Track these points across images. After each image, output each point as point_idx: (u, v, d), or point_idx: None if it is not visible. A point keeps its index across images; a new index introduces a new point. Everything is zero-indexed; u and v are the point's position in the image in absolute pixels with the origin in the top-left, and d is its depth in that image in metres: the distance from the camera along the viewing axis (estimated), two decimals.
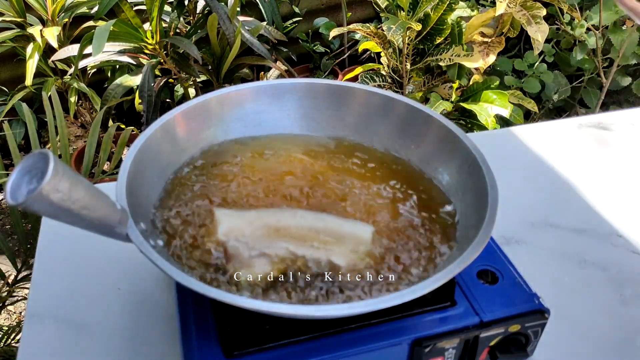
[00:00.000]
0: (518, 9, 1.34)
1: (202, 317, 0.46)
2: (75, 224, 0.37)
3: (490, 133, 1.00)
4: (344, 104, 0.60)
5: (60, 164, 0.33)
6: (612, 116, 0.91)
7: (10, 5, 1.52)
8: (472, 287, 0.49)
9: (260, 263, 0.45)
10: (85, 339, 0.54)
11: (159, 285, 0.58)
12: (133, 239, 0.41)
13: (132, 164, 0.47)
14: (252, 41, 1.45)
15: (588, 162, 0.80)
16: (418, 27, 1.26)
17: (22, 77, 1.61)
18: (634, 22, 1.53)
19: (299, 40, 2.14)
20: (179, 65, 1.43)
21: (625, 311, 0.58)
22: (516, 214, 0.69)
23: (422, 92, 1.46)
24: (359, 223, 0.48)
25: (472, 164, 0.50)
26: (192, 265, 0.45)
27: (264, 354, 0.43)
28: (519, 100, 1.43)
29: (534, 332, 0.48)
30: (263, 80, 1.72)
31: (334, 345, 0.44)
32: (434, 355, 0.46)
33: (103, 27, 1.16)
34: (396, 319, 0.46)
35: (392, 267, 0.46)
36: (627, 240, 0.66)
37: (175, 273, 0.39)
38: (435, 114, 0.56)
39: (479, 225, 0.44)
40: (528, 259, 0.62)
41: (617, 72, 1.72)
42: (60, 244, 0.64)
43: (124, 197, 0.44)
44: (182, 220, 0.49)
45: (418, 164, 0.57)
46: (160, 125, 0.52)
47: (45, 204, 0.33)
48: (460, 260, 0.41)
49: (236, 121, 0.59)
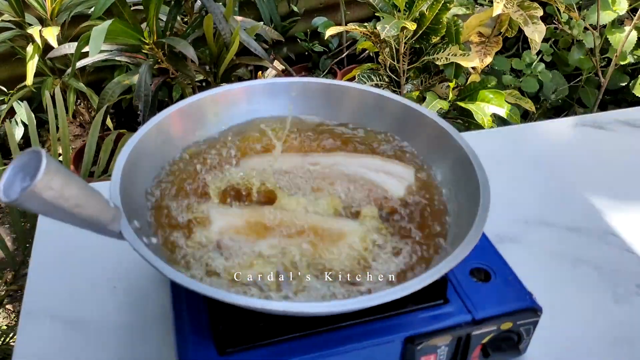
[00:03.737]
0: (515, 9, 1.34)
1: (196, 315, 0.46)
2: (69, 222, 0.38)
3: (486, 132, 1.00)
4: (338, 103, 0.61)
5: (52, 162, 0.33)
6: (608, 116, 0.91)
7: (8, 4, 1.52)
8: (465, 284, 0.49)
9: (253, 261, 0.45)
10: (81, 337, 0.54)
11: (153, 283, 0.59)
12: (126, 236, 0.41)
13: (126, 162, 0.48)
14: (249, 41, 1.45)
15: (584, 161, 0.80)
16: (413, 26, 1.26)
17: (21, 77, 1.61)
18: (632, 21, 1.53)
19: (297, 39, 2.15)
20: (176, 65, 1.43)
21: (618, 309, 0.58)
22: (510, 213, 0.69)
23: (419, 91, 1.46)
24: (350, 221, 0.48)
25: (465, 162, 0.51)
26: (186, 262, 0.45)
27: (257, 351, 0.44)
28: (516, 100, 1.43)
29: (526, 330, 0.49)
30: (260, 79, 1.72)
31: (327, 342, 0.44)
32: (426, 352, 0.46)
33: (100, 27, 1.16)
34: (389, 316, 0.46)
35: (383, 263, 0.46)
36: (620, 239, 0.66)
37: (168, 271, 0.39)
38: (429, 113, 0.56)
39: (471, 223, 0.44)
40: (522, 257, 0.62)
41: (615, 72, 1.72)
42: (56, 242, 0.65)
43: (118, 195, 0.44)
44: (174, 218, 0.49)
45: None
46: (154, 124, 0.53)
47: (38, 201, 0.34)
48: (452, 258, 0.41)
49: (230, 119, 0.59)
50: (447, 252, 0.46)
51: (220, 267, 0.45)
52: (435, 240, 0.49)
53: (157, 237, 0.47)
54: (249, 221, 0.48)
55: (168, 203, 0.50)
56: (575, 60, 1.72)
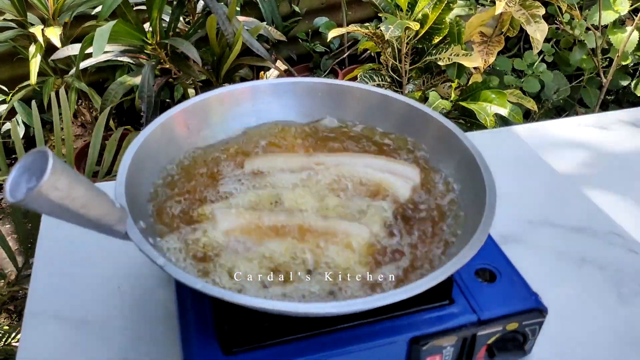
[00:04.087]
0: (517, 8, 1.34)
1: (201, 315, 0.46)
2: (74, 222, 0.38)
3: (489, 132, 1.00)
4: (342, 103, 0.60)
5: (59, 162, 0.33)
6: (611, 116, 0.91)
7: (11, 4, 1.52)
8: (471, 285, 0.49)
9: (259, 261, 0.45)
10: (85, 337, 0.54)
11: (158, 284, 0.59)
12: (132, 237, 0.41)
13: (132, 162, 0.48)
14: (251, 42, 1.45)
15: (586, 161, 0.80)
16: (416, 26, 1.26)
17: (22, 77, 1.61)
18: (634, 21, 1.53)
19: (299, 39, 2.14)
20: (179, 65, 1.43)
21: (622, 309, 0.58)
22: (515, 213, 0.69)
23: (421, 91, 1.46)
24: (355, 224, 0.48)
25: (470, 163, 0.50)
26: (191, 263, 0.45)
27: (262, 352, 0.44)
28: (518, 100, 1.43)
29: (532, 331, 0.49)
30: (263, 79, 1.72)
31: (332, 342, 0.44)
32: (431, 353, 0.46)
33: (104, 28, 1.16)
34: (395, 317, 0.46)
35: (389, 264, 0.46)
36: (625, 239, 0.66)
37: (174, 271, 0.39)
38: (434, 113, 0.56)
39: (477, 224, 0.44)
40: (526, 258, 0.62)
41: (616, 72, 1.72)
42: (60, 242, 0.65)
43: (123, 196, 0.44)
44: (179, 218, 0.49)
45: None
46: (159, 125, 0.53)
47: (44, 201, 0.33)
48: (458, 259, 0.41)
49: (235, 120, 0.59)
50: (453, 252, 0.46)
51: (225, 267, 0.45)
52: (441, 240, 0.48)
53: (162, 237, 0.47)
54: (254, 222, 0.48)
55: (173, 203, 0.50)
56: (576, 60, 1.72)
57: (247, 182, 0.53)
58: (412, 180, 0.54)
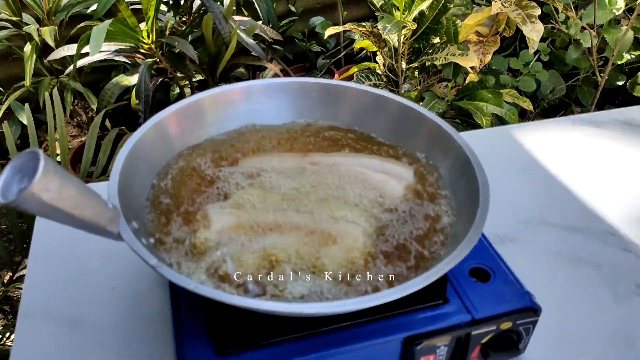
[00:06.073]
0: (513, 8, 1.34)
1: (194, 316, 0.46)
2: (67, 223, 0.37)
3: (485, 131, 1.00)
4: (337, 102, 0.60)
5: (50, 163, 0.33)
6: (607, 115, 0.91)
7: (5, 3, 1.51)
8: (465, 284, 0.49)
9: (253, 261, 0.45)
10: (79, 338, 0.54)
11: (152, 284, 0.58)
12: (125, 237, 0.41)
13: (125, 163, 0.48)
14: (247, 41, 1.45)
15: (582, 161, 0.80)
16: (413, 26, 1.26)
17: (17, 77, 1.61)
18: (629, 21, 1.53)
19: (295, 39, 2.14)
20: (175, 64, 1.43)
21: (617, 308, 0.58)
22: (510, 212, 0.69)
23: (417, 91, 1.46)
24: (350, 223, 0.48)
25: (465, 163, 0.50)
26: (184, 263, 0.45)
27: (256, 352, 0.44)
28: (514, 99, 1.43)
29: (526, 330, 0.49)
30: (258, 79, 1.72)
31: (326, 343, 0.44)
32: (426, 352, 0.46)
33: (100, 27, 1.16)
34: (389, 316, 0.46)
35: (383, 264, 0.46)
36: (620, 238, 0.66)
37: (167, 271, 0.39)
38: (428, 113, 0.56)
39: (471, 224, 0.44)
40: (521, 257, 0.62)
41: (612, 71, 1.72)
42: (54, 242, 0.64)
43: (116, 196, 0.44)
44: (174, 219, 0.49)
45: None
46: (152, 125, 0.52)
47: (36, 202, 0.33)
48: (451, 258, 0.41)
49: (229, 120, 0.59)
50: (446, 252, 0.46)
51: (218, 267, 0.45)
52: (435, 240, 0.48)
53: (155, 238, 0.47)
54: (248, 221, 0.48)
55: (167, 203, 0.50)
56: (572, 59, 1.72)
57: (242, 181, 0.53)
58: (406, 180, 0.54)
